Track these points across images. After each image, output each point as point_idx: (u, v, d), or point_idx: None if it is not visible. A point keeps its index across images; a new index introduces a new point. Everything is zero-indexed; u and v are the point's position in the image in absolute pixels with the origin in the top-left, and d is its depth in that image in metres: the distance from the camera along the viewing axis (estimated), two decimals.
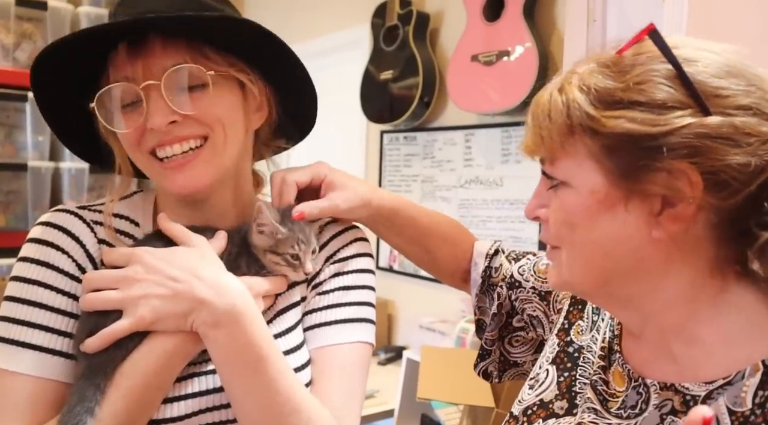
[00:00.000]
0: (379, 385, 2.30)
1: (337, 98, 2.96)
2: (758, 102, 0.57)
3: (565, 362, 0.77)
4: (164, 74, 0.72)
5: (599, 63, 0.62)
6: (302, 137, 0.93)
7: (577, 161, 0.61)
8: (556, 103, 0.61)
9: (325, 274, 0.85)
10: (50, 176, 2.47)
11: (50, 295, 0.74)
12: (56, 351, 0.72)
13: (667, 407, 0.61)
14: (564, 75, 0.64)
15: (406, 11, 2.55)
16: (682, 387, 0.61)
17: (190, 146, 0.75)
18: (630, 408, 0.64)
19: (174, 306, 0.70)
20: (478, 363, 0.98)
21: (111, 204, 0.83)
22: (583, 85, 0.60)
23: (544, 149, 0.64)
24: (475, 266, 0.98)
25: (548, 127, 0.62)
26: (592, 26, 1.11)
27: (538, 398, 0.76)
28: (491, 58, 2.22)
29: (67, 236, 0.77)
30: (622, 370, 0.68)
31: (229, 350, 0.70)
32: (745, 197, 0.56)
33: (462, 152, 2.50)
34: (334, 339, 0.81)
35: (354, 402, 0.79)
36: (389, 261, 2.78)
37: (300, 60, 0.81)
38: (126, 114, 0.75)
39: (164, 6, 0.73)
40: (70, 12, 2.53)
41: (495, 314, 0.94)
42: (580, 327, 0.79)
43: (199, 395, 0.74)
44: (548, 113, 0.62)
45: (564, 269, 0.66)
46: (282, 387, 0.71)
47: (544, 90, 0.65)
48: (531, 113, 0.65)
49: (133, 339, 0.71)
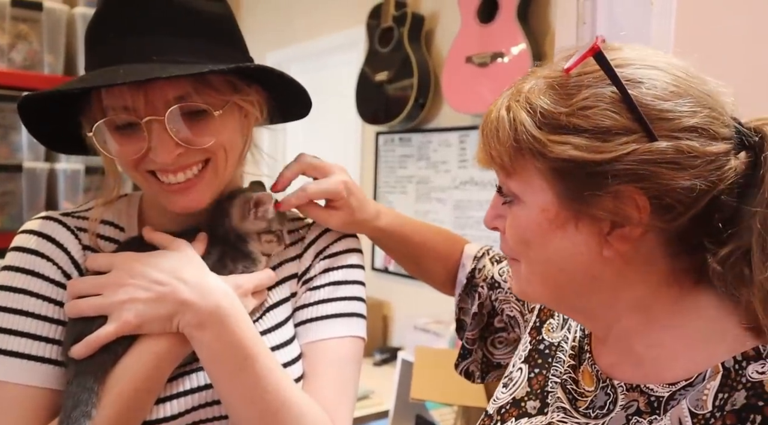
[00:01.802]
0: (373, 386, 2.30)
1: (332, 99, 2.97)
2: (705, 121, 0.56)
3: (537, 360, 0.77)
4: (168, 109, 0.71)
5: (547, 82, 0.60)
6: (291, 120, 0.93)
7: (527, 180, 0.61)
8: (503, 123, 0.61)
9: (316, 270, 0.86)
10: (45, 176, 2.47)
11: (36, 303, 0.74)
12: (44, 358, 0.72)
13: (633, 407, 0.61)
14: (511, 91, 0.63)
15: (401, 13, 2.56)
16: (646, 388, 0.61)
17: (193, 172, 0.76)
18: (598, 408, 0.65)
19: (158, 309, 0.70)
20: (460, 363, 0.98)
21: (97, 210, 0.82)
22: (529, 106, 0.59)
23: (495, 166, 0.64)
24: (463, 267, 0.99)
25: (497, 147, 0.62)
26: (582, 28, 1.12)
27: (511, 397, 0.77)
28: (485, 60, 2.23)
29: (51, 244, 0.77)
30: (591, 370, 0.68)
31: (216, 350, 0.71)
32: (691, 218, 0.56)
33: (457, 154, 2.51)
34: (325, 333, 0.82)
35: (346, 396, 0.79)
36: (384, 262, 2.79)
37: (293, 79, 0.81)
38: (123, 137, 0.74)
39: (167, 45, 0.71)
40: (65, 13, 2.53)
41: (476, 314, 0.95)
42: (551, 324, 0.79)
43: (191, 392, 0.75)
44: (496, 133, 0.61)
45: (523, 281, 0.66)
46: (270, 385, 0.71)
47: (493, 106, 0.64)
48: (480, 129, 0.65)
49: (122, 343, 0.71)
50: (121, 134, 0.74)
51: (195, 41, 0.72)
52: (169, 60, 0.70)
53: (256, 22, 3.56)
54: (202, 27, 0.73)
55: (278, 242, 0.84)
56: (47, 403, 0.71)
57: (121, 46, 0.71)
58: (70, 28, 2.57)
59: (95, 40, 0.73)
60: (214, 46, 0.74)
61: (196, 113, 0.73)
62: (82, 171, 2.51)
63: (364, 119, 2.79)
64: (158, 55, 0.70)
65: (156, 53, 0.70)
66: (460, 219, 2.48)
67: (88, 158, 2.60)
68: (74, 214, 0.82)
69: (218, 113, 0.74)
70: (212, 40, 0.74)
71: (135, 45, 0.70)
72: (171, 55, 0.70)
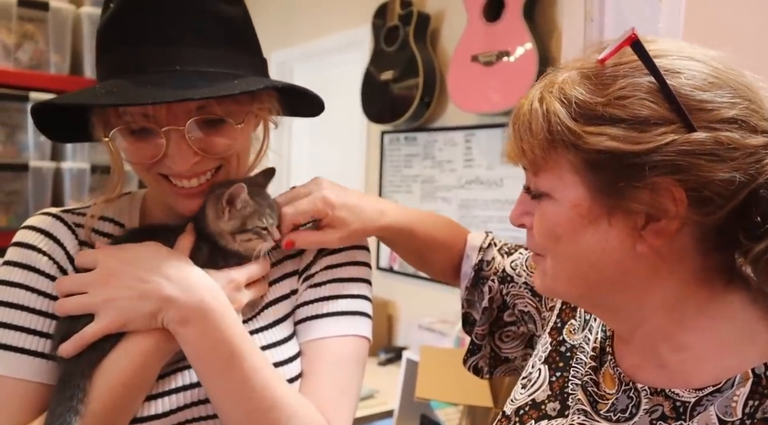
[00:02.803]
0: (378, 385, 2.30)
1: (337, 99, 2.96)
2: (744, 113, 0.55)
3: (558, 361, 0.76)
4: (188, 118, 0.71)
5: (581, 73, 0.60)
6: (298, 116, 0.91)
7: (559, 174, 0.60)
8: (536, 115, 0.60)
9: (318, 266, 0.84)
10: (51, 176, 2.47)
11: (31, 297, 0.74)
12: (37, 352, 0.72)
13: (658, 412, 0.60)
14: (544, 83, 0.62)
15: (406, 12, 2.56)
16: (672, 393, 0.59)
17: (206, 177, 0.77)
18: (620, 411, 0.63)
19: (142, 306, 0.70)
20: (468, 358, 0.96)
21: (97, 207, 0.83)
22: (563, 97, 0.58)
23: (526, 161, 0.63)
24: (467, 258, 0.97)
25: (529, 140, 0.60)
26: (590, 26, 1.11)
27: (530, 398, 0.75)
28: (491, 59, 2.22)
29: (48, 239, 0.77)
30: (613, 372, 0.67)
31: (201, 346, 0.70)
32: (729, 211, 0.55)
33: (462, 153, 2.50)
34: (324, 331, 0.80)
35: (346, 397, 0.78)
36: (389, 262, 2.78)
37: (313, 93, 0.81)
38: (138, 141, 0.74)
39: (189, 53, 0.71)
40: (72, 13, 2.54)
41: (486, 308, 0.93)
42: (572, 325, 0.78)
43: (182, 390, 0.74)
44: (528, 126, 0.60)
45: (548, 277, 0.65)
46: (257, 383, 0.70)
47: (524, 99, 0.63)
48: (512, 123, 0.64)
49: (109, 340, 0.71)
50: (137, 139, 0.74)
51: (217, 50, 0.73)
52: (193, 71, 0.70)
53: (262, 21, 3.55)
54: (224, 34, 0.73)
55: (262, 239, 0.78)
56: (39, 397, 0.71)
57: (142, 55, 0.70)
58: (76, 27, 2.57)
59: (110, 43, 0.73)
60: (235, 53, 0.74)
61: (214, 122, 0.74)
62: (88, 170, 2.52)
63: (370, 118, 2.79)
64: (181, 65, 0.70)
65: (179, 63, 0.70)
66: (466, 218, 2.47)
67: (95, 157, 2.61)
68: (74, 211, 0.83)
69: (240, 127, 0.75)
70: (233, 47, 0.74)
71: (157, 54, 0.70)
72: (194, 64, 0.71)
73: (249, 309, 0.80)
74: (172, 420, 0.73)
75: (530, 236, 0.66)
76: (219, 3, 0.73)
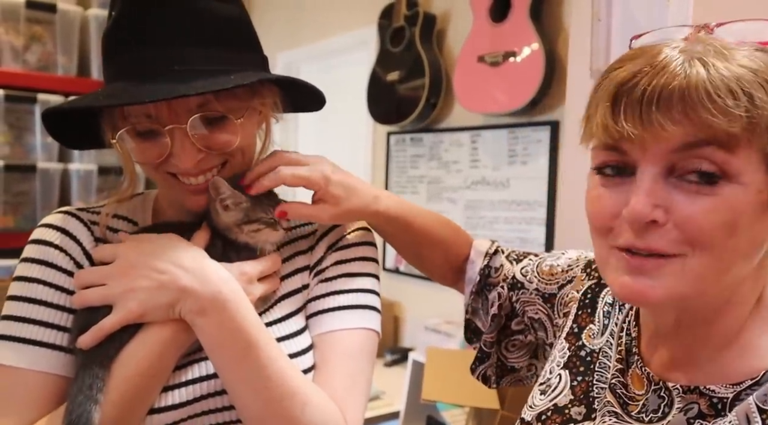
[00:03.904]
0: (384, 387, 2.30)
1: (343, 99, 2.97)
2: None
3: (578, 366, 0.75)
4: (190, 117, 0.73)
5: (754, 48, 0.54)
6: (301, 112, 0.93)
7: (749, 157, 0.54)
8: (757, 85, 0.52)
9: (328, 261, 0.86)
10: (59, 177, 2.49)
11: (49, 292, 0.76)
12: (56, 345, 0.74)
13: (694, 410, 0.59)
14: (701, 48, 0.55)
15: (412, 12, 2.55)
16: (707, 390, 0.58)
17: (213, 173, 0.79)
18: (652, 412, 0.63)
19: (160, 297, 0.71)
20: (477, 367, 0.95)
21: (111, 206, 0.85)
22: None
23: (713, 135, 0.53)
24: (472, 264, 0.96)
25: (742, 109, 0.52)
26: (597, 25, 1.11)
27: (552, 403, 0.74)
28: (498, 59, 2.22)
29: (65, 236, 0.79)
30: (641, 373, 0.66)
31: (218, 337, 0.71)
32: None
33: (468, 153, 2.50)
34: (336, 324, 0.81)
35: (357, 388, 0.79)
36: (395, 263, 2.78)
37: (313, 86, 0.82)
38: (145, 142, 0.76)
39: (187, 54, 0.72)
40: (79, 15, 2.55)
41: (495, 316, 0.92)
42: (591, 330, 0.77)
43: (199, 381, 0.75)
44: (750, 95, 0.52)
45: (688, 280, 0.56)
46: (273, 373, 0.71)
47: (696, 65, 0.53)
48: (703, 90, 0.52)
49: (127, 331, 0.72)
50: (143, 139, 0.76)
51: (214, 48, 0.74)
52: (191, 70, 0.72)
53: (267, 22, 3.57)
54: (220, 33, 0.75)
55: (271, 228, 0.80)
56: (57, 389, 0.73)
57: (142, 58, 0.72)
58: (83, 29, 2.59)
59: (113, 48, 0.75)
60: (233, 52, 0.76)
61: (216, 119, 0.76)
62: (95, 171, 2.53)
63: (376, 119, 2.79)
64: (179, 65, 0.72)
65: (177, 63, 0.72)
66: (472, 219, 2.47)
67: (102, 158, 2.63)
68: (90, 209, 0.85)
69: (240, 121, 0.76)
70: (231, 45, 0.76)
71: (155, 56, 0.72)
72: (191, 63, 0.72)
73: (261, 303, 0.81)
74: (188, 411, 0.74)
75: (658, 233, 0.56)
76: (214, 2, 0.74)
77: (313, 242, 0.88)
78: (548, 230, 2.20)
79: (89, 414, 0.67)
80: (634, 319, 0.71)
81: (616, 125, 0.55)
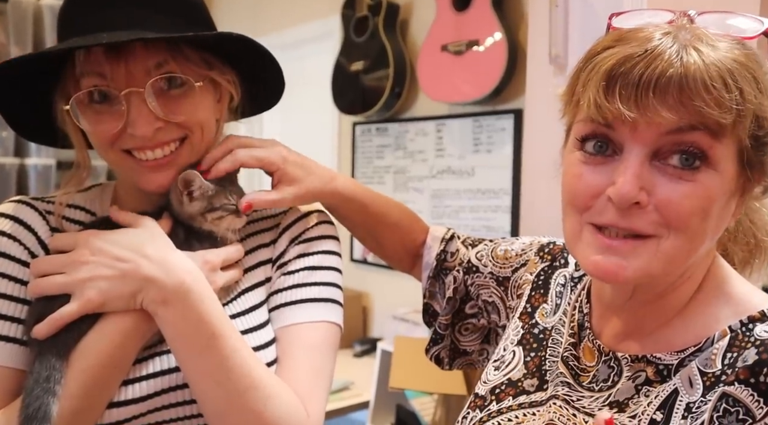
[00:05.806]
0: (354, 377, 2.30)
1: (308, 90, 2.94)
2: None
3: (532, 342, 0.77)
4: (148, 81, 0.71)
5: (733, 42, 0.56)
6: (261, 111, 0.91)
7: (729, 146, 0.56)
8: (747, 79, 0.55)
9: (290, 254, 0.85)
10: (15, 172, 2.42)
11: (2, 282, 0.73)
12: (9, 337, 0.72)
13: (641, 377, 0.62)
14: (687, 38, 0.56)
15: (375, 2, 2.54)
16: (654, 358, 0.62)
17: (171, 149, 0.76)
18: (602, 381, 0.65)
19: (122, 287, 0.70)
20: (431, 348, 0.97)
21: (65, 195, 0.82)
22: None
23: (705, 123, 0.55)
24: (429, 249, 0.97)
25: (732, 99, 0.54)
26: (554, 11, 1.12)
27: (506, 377, 0.76)
28: (461, 48, 2.22)
29: (19, 225, 0.77)
30: (592, 345, 0.68)
31: (180, 327, 0.70)
32: None
33: (434, 143, 2.51)
34: (298, 318, 0.81)
35: (320, 381, 0.78)
36: (363, 253, 2.78)
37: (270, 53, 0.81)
38: (99, 113, 0.74)
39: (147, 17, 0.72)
40: (32, 5, 2.47)
41: (450, 298, 0.94)
42: (545, 309, 0.80)
43: (160, 374, 0.74)
44: (740, 89, 0.54)
45: (660, 259, 0.58)
46: (236, 365, 0.70)
47: (694, 55, 0.54)
48: (700, 79, 0.54)
49: (86, 321, 0.70)
50: (97, 111, 0.74)
51: (174, 19, 0.73)
52: (151, 27, 0.71)
53: (229, 11, 3.52)
54: (180, 8, 0.75)
55: (234, 215, 0.80)
56: (13, 383, 0.71)
57: (100, 18, 0.71)
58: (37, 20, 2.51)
59: (70, 16, 0.73)
60: (192, 26, 0.75)
61: (175, 87, 0.74)
62: (54, 166, 2.46)
63: (341, 109, 2.78)
64: (139, 25, 0.71)
65: (137, 25, 0.71)
66: (438, 208, 2.48)
67: (60, 153, 2.56)
68: (45, 199, 0.82)
69: (199, 85, 0.74)
70: (190, 20, 0.75)
71: (114, 17, 0.71)
72: (151, 25, 0.71)
73: (224, 294, 0.80)
74: (148, 405, 0.73)
75: (639, 215, 0.57)
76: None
77: (275, 236, 0.87)
78: (513, 218, 2.22)
79: (47, 407, 0.65)
80: (586, 297, 0.74)
81: (609, 105, 0.56)
